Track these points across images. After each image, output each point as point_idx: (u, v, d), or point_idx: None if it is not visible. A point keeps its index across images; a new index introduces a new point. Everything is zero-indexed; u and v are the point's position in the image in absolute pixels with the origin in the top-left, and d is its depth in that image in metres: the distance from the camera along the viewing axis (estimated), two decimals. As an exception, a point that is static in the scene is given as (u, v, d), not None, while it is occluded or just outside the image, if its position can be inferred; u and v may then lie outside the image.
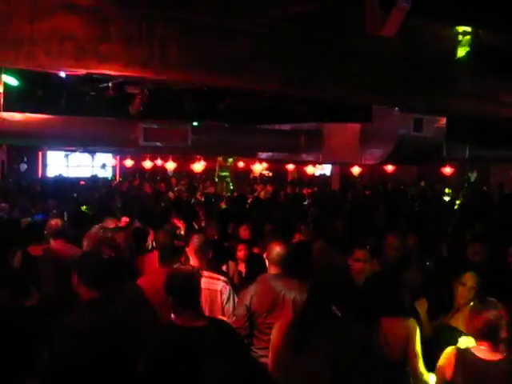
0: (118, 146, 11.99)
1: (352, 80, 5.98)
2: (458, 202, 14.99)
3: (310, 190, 18.18)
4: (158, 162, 18.45)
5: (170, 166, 17.08)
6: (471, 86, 7.06)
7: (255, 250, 6.95)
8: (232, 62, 5.09)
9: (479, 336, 3.54)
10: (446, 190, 18.65)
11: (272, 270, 4.72)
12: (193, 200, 14.10)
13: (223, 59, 4.94)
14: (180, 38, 4.51)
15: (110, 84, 9.32)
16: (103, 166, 22.35)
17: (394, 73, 6.33)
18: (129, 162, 19.21)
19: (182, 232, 7.38)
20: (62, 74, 8.03)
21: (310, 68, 5.62)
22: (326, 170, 23.67)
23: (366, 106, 8.46)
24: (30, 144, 14.99)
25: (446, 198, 16.53)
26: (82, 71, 4.97)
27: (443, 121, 8.62)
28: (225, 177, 17.83)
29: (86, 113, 9.33)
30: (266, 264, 4.80)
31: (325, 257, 6.44)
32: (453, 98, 7.08)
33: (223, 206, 12.75)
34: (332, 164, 20.70)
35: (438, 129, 8.60)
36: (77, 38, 4.36)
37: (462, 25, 5.61)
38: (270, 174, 22.80)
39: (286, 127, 10.75)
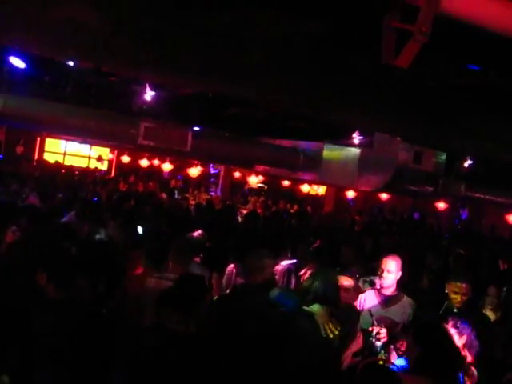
0: (116, 141, 11.95)
1: (360, 106, 5.96)
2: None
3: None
4: (156, 162, 18.43)
5: (167, 167, 17.07)
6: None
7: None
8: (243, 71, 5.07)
9: None
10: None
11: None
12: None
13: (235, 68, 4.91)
14: (193, 42, 4.48)
15: (115, 78, 9.31)
16: (99, 158, 22.22)
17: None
18: (126, 159, 19.16)
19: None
20: (70, 63, 8.02)
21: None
22: (320, 189, 23.64)
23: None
24: (28, 128, 14.92)
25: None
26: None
27: (442, 156, 8.65)
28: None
29: (88, 103, 9.32)
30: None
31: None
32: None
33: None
34: (328, 185, 20.68)
35: (437, 163, 8.63)
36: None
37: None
38: (265, 187, 22.79)
39: (286, 143, 10.75)
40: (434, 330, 3.62)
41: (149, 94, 9.63)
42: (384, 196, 17.20)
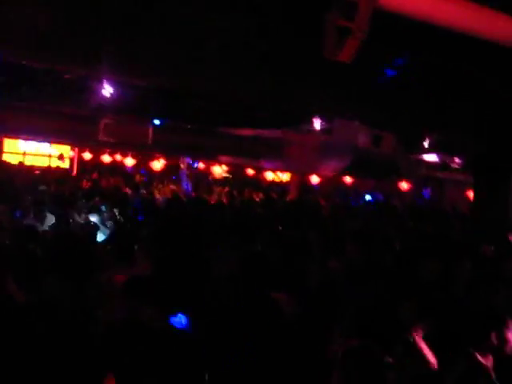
0: (77, 139, 11.83)
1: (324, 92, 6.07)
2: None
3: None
4: (118, 157, 18.27)
5: (129, 162, 16.96)
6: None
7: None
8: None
9: None
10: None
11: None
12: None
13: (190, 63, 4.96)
14: (144, 38, 4.50)
15: (71, 76, 9.20)
16: (61, 157, 21.91)
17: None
18: (87, 155, 18.96)
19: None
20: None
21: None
22: (284, 176, 23.77)
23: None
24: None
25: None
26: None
27: (402, 138, 8.82)
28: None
29: (45, 102, 9.19)
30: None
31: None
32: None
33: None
34: (291, 172, 20.84)
35: (396, 146, 8.79)
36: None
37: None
38: (230, 177, 22.81)
39: (247, 132, 10.81)
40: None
41: (107, 91, 9.54)
42: (348, 179, 17.40)
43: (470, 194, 16.45)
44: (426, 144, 13.17)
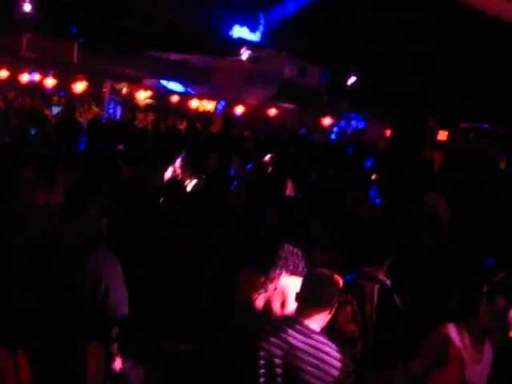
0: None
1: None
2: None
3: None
4: (37, 76, 17.51)
5: (50, 82, 16.33)
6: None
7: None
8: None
9: None
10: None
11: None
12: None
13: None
14: None
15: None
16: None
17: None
18: (3, 73, 18.07)
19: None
20: None
21: None
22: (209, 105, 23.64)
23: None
24: None
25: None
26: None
27: (327, 72, 9.02)
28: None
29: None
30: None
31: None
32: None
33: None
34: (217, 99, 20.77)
35: (321, 79, 8.99)
36: None
37: None
38: (154, 103, 22.45)
39: (175, 57, 10.69)
40: None
41: (28, 4, 9.14)
42: (272, 112, 17.53)
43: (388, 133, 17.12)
44: (349, 80, 13.47)
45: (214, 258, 4.57)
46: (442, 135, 17.60)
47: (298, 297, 3.11)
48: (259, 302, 3.60)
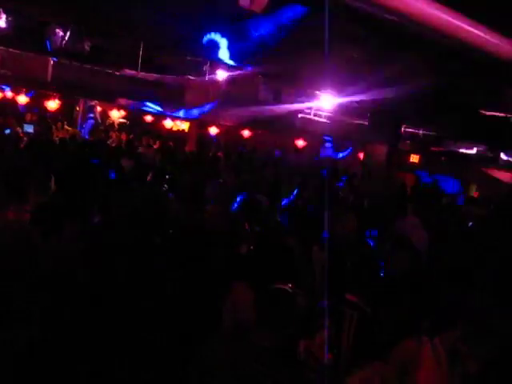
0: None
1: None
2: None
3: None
4: (9, 94, 17.29)
5: (22, 99, 16.17)
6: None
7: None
8: None
9: None
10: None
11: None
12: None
13: None
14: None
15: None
16: None
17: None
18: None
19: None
20: None
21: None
22: (183, 126, 23.56)
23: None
24: None
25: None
26: None
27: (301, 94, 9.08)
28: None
29: None
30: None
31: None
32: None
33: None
34: (192, 120, 20.75)
35: (296, 101, 9.05)
36: None
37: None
38: (127, 123, 22.33)
39: (151, 77, 10.66)
40: None
41: (3, 20, 9.05)
42: (246, 133, 17.54)
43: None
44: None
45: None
46: (414, 158, 17.84)
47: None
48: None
